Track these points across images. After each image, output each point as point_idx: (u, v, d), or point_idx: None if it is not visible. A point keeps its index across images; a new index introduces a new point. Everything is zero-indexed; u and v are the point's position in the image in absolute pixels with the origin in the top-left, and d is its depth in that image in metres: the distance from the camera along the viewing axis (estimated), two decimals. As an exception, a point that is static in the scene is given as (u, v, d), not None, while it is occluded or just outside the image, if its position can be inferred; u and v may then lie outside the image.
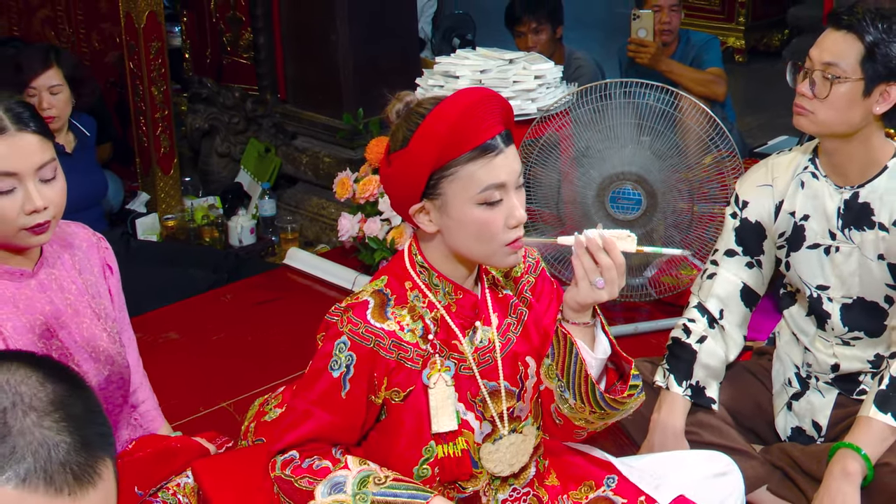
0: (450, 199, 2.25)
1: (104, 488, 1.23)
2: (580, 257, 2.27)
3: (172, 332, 4.15)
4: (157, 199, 5.60)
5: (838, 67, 2.76)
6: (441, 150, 2.21)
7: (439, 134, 2.20)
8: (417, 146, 2.23)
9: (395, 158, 2.28)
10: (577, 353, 2.30)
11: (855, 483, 2.74)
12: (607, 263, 2.24)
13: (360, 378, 2.30)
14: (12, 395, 1.21)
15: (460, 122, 2.19)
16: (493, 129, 2.23)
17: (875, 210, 2.90)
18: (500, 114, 2.25)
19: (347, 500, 2.27)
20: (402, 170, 2.28)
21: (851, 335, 3.01)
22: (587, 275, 2.25)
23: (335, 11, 5.31)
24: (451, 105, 2.21)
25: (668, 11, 5.22)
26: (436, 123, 2.20)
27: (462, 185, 2.22)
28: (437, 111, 2.21)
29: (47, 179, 2.46)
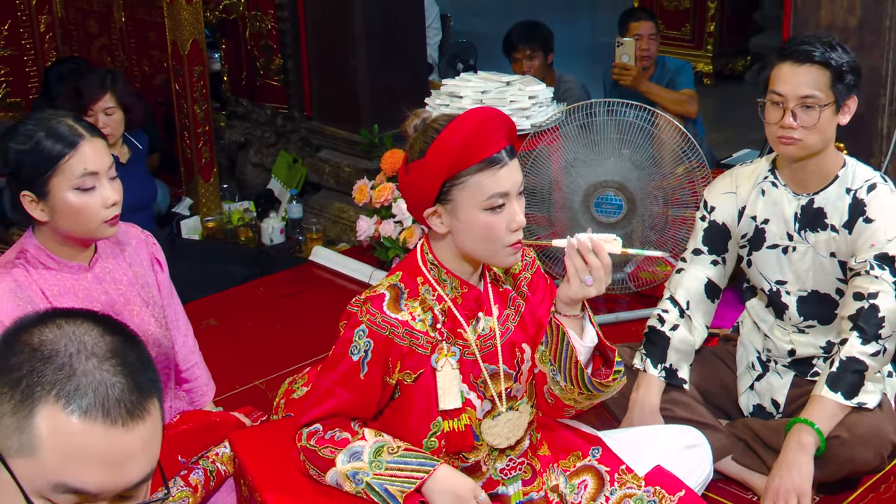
0: (459, 204, 2.26)
1: (152, 423, 1.29)
2: (572, 258, 2.28)
3: (212, 318, 4.16)
4: (199, 204, 5.60)
5: (816, 97, 2.77)
6: (453, 162, 2.22)
7: (452, 147, 2.21)
8: (433, 157, 2.24)
9: (413, 168, 2.29)
10: (568, 341, 2.33)
11: (809, 454, 2.74)
12: (596, 264, 2.26)
13: (376, 362, 2.31)
14: (77, 344, 1.26)
15: (471, 137, 2.21)
16: (498, 144, 2.24)
17: (828, 214, 2.90)
18: (505, 131, 2.27)
19: (364, 466, 2.28)
20: (418, 177, 2.29)
21: (806, 324, 3.01)
22: (578, 273, 2.28)
23: (354, 40, 5.31)
24: (463, 122, 2.23)
25: (647, 40, 5.23)
26: (450, 138, 2.22)
27: (470, 193, 2.24)
28: (450, 127, 2.23)
29: (112, 178, 2.51)
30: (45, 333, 1.29)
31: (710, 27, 8.27)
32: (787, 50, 2.84)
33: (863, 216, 2.86)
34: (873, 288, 2.81)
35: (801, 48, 2.80)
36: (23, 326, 1.32)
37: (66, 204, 2.44)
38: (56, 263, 2.53)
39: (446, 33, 7.73)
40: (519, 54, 5.34)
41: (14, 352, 1.28)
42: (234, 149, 5.96)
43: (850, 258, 2.88)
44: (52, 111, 2.56)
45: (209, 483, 2.66)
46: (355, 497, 2.29)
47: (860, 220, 2.86)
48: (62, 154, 2.43)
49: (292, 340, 3.93)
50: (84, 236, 2.52)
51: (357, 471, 2.27)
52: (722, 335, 3.38)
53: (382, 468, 2.27)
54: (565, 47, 5.58)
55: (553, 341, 2.37)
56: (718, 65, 8.32)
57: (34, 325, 1.31)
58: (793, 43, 2.85)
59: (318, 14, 5.52)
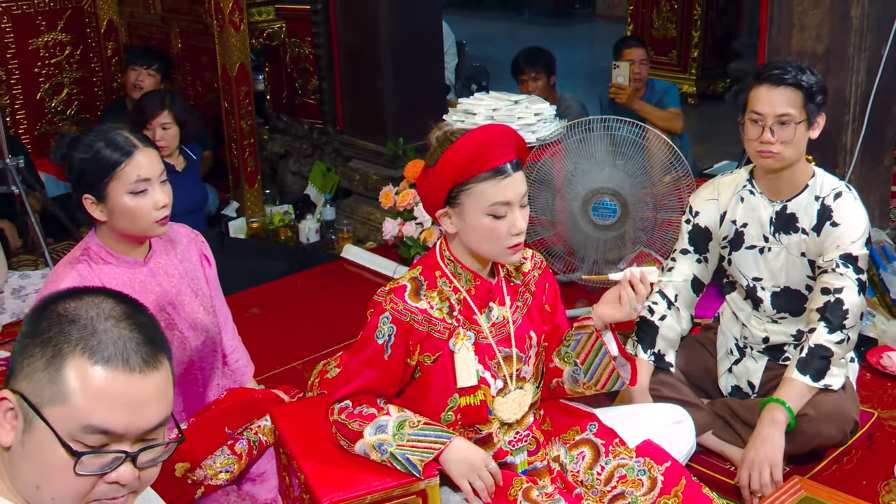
0: (466, 208, 2.28)
1: (165, 374, 1.38)
2: (626, 289, 2.37)
3: (255, 308, 4.16)
4: (244, 206, 5.61)
5: (791, 116, 2.76)
6: (461, 170, 2.24)
7: (461, 157, 2.23)
8: (444, 165, 2.27)
9: (429, 173, 2.32)
10: (605, 351, 2.44)
11: (781, 429, 2.73)
12: (643, 293, 2.37)
13: (399, 345, 2.32)
14: (97, 309, 1.36)
15: (478, 149, 2.23)
16: (505, 157, 2.26)
17: (799, 219, 2.89)
18: (513, 146, 2.29)
19: (389, 438, 2.28)
20: (432, 182, 2.31)
21: (779, 315, 3.00)
22: (630, 301, 2.37)
23: (381, 65, 5.32)
24: (474, 136, 2.26)
25: (638, 64, 5.22)
26: (460, 148, 2.24)
27: (475, 198, 2.26)
28: (462, 139, 2.26)
29: (162, 182, 2.52)
30: (69, 303, 1.38)
31: (694, 53, 8.25)
32: (763, 74, 2.83)
33: (830, 220, 2.84)
34: (839, 284, 2.80)
35: (775, 72, 2.79)
36: (49, 300, 1.40)
37: (121, 206, 2.46)
38: (115, 259, 2.54)
39: (462, 58, 7.74)
40: (525, 76, 5.34)
41: (43, 319, 1.36)
42: (276, 159, 5.97)
43: (818, 258, 2.87)
44: (111, 125, 2.58)
45: (252, 451, 2.67)
46: (381, 465, 2.29)
47: (827, 224, 2.85)
48: (119, 162, 2.44)
49: (325, 327, 3.92)
50: (138, 234, 2.53)
51: (382, 442, 2.28)
52: (704, 324, 3.36)
53: (405, 440, 2.28)
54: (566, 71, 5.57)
55: (586, 349, 2.46)
56: (701, 86, 8.30)
57: (59, 298, 1.39)
58: (768, 68, 2.84)
59: (350, 42, 5.53)
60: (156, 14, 6.04)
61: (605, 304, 2.43)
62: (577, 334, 2.49)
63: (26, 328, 1.37)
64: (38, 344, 1.35)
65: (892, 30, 3.64)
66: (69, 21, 6.02)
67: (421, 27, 5.41)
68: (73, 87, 6.09)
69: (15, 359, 1.37)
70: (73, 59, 6.07)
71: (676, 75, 8.10)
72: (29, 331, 1.37)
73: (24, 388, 1.34)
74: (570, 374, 2.51)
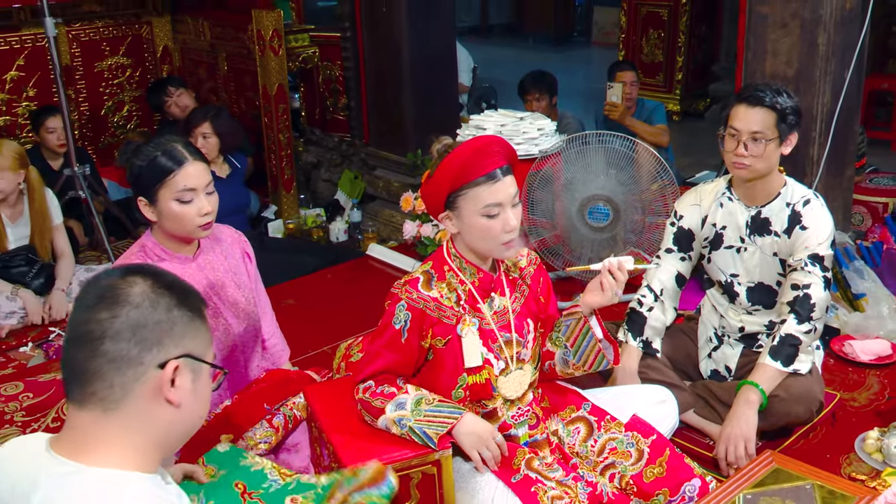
0: (463, 210, 2.29)
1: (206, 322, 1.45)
2: (607, 277, 2.36)
3: (290, 299, 4.16)
4: (282, 209, 5.63)
5: (764, 133, 2.74)
6: (456, 178, 2.25)
7: (454, 166, 2.25)
8: (440, 174, 2.28)
9: (430, 182, 2.33)
10: (591, 335, 2.43)
11: (754, 408, 2.73)
12: (622, 280, 2.36)
13: (413, 330, 2.34)
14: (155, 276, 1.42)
15: (470, 158, 2.24)
16: (495, 164, 2.26)
17: (772, 223, 2.87)
18: (501, 154, 2.29)
19: (407, 414, 2.28)
20: (432, 189, 2.32)
21: (753, 308, 2.98)
22: (611, 288, 2.36)
23: (402, 85, 5.33)
24: (465, 147, 2.26)
25: (629, 86, 5.20)
26: (453, 159, 2.25)
27: (471, 201, 2.27)
28: (455, 151, 2.27)
29: (209, 193, 2.50)
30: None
31: (679, 76, 8.22)
32: (743, 94, 2.82)
33: (799, 224, 2.83)
34: (806, 280, 2.79)
35: (754, 94, 2.77)
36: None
37: (169, 210, 2.46)
38: (167, 255, 2.54)
39: (474, 80, 7.76)
40: (530, 96, 5.33)
41: (162, 298, 1.39)
42: (310, 168, 5.98)
43: (788, 257, 2.86)
44: (168, 137, 2.58)
45: (287, 425, 2.67)
46: (400, 438, 2.29)
47: (797, 227, 2.83)
48: (170, 171, 2.45)
49: (352, 316, 3.92)
50: (183, 235, 2.54)
51: (402, 417, 2.28)
52: (687, 315, 3.35)
53: (422, 415, 2.28)
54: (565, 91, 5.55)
55: (574, 333, 2.46)
56: (685, 105, 8.27)
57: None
58: (748, 89, 2.83)
59: (375, 65, 5.52)
60: (205, 41, 6.05)
61: (589, 292, 2.42)
62: (566, 320, 2.49)
63: (148, 312, 1.35)
64: (177, 315, 1.37)
65: (853, 56, 3.62)
66: (129, 47, 6.04)
67: (437, 53, 5.42)
68: (133, 104, 6.11)
69: (151, 334, 1.35)
70: (132, 80, 6.10)
71: (663, 95, 8.08)
72: (161, 308, 1.37)
73: (187, 348, 1.38)
74: (561, 356, 2.51)
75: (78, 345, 1.34)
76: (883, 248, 3.69)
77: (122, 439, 1.35)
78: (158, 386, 1.36)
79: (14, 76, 5.52)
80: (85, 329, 1.34)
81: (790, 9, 3.58)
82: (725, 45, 7.92)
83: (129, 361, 1.33)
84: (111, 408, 1.34)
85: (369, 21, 5.45)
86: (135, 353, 1.33)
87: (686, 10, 8.05)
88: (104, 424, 1.34)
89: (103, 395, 1.33)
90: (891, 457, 2.69)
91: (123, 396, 1.34)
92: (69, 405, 1.37)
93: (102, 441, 1.35)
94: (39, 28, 4.96)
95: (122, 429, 1.35)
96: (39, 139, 4.96)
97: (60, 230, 4.29)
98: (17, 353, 3.81)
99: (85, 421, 1.35)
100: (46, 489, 1.32)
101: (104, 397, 1.34)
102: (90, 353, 1.33)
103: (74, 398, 1.35)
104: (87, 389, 1.34)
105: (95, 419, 1.34)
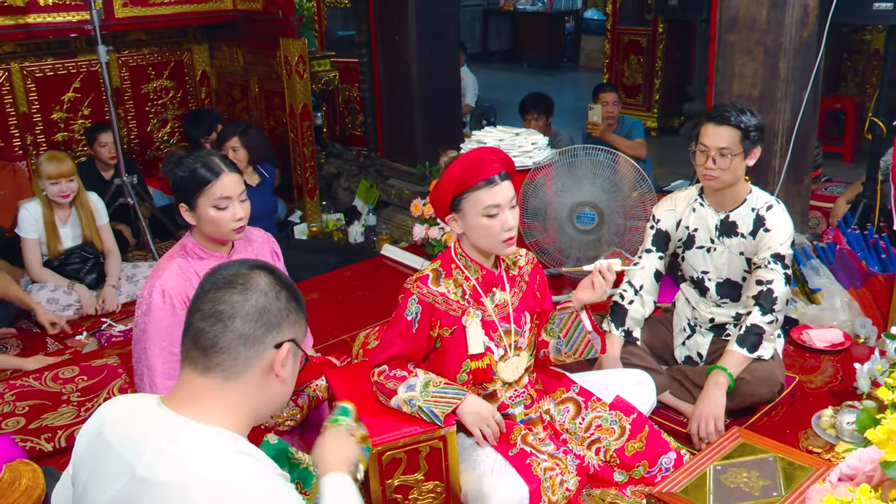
0: (466, 212, 2.28)
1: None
2: (597, 278, 2.37)
3: (314, 293, 4.15)
4: (306, 214, 5.63)
5: (730, 149, 2.73)
6: (458, 184, 2.26)
7: (456, 174, 2.25)
8: (444, 181, 2.28)
9: (437, 189, 2.33)
10: (582, 327, 2.43)
11: (723, 389, 2.72)
12: (611, 280, 2.37)
13: (423, 321, 2.33)
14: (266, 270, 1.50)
15: (469, 167, 2.25)
16: (493, 170, 2.26)
17: (739, 226, 2.86)
18: (498, 161, 2.29)
19: (417, 395, 2.28)
20: (439, 195, 2.32)
21: (722, 301, 2.97)
22: (601, 287, 2.36)
23: (413, 105, 5.33)
24: (465, 157, 2.28)
25: (612, 105, 5.18)
26: (455, 168, 2.26)
27: (473, 204, 2.26)
28: (457, 160, 2.28)
29: (242, 201, 2.50)
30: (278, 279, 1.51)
31: (656, 96, 8.20)
32: (711, 114, 2.80)
33: (763, 227, 2.82)
34: (769, 277, 2.78)
35: (721, 114, 2.76)
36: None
37: (207, 215, 2.46)
38: (205, 254, 2.54)
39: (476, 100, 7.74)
40: (529, 116, 5.30)
41: (279, 298, 1.48)
42: (331, 177, 5.98)
43: (753, 256, 2.85)
44: (207, 151, 2.58)
45: (311, 404, 2.67)
46: (411, 416, 2.28)
47: (761, 230, 2.82)
48: (209, 181, 2.44)
49: (368, 308, 3.92)
50: (219, 237, 2.53)
51: (412, 398, 2.27)
52: (663, 308, 3.34)
53: (429, 396, 2.27)
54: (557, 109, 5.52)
55: (567, 325, 2.45)
56: (661, 122, 8.25)
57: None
58: (715, 109, 2.81)
59: (388, 87, 5.52)
60: (239, 66, 6.05)
61: (581, 289, 2.41)
62: (559, 314, 2.48)
63: (273, 300, 1.44)
64: (292, 306, 1.47)
65: (810, 79, 3.61)
66: (172, 71, 6.04)
67: (443, 76, 5.41)
68: (175, 122, 6.11)
69: (273, 319, 1.43)
70: (175, 100, 6.10)
71: (642, 113, 8.06)
72: (272, 307, 1.44)
73: (295, 334, 1.47)
74: (555, 345, 2.50)
75: (210, 321, 1.39)
76: (836, 248, 3.68)
77: (235, 405, 1.41)
78: (272, 363, 1.43)
79: (71, 97, 5.52)
80: (218, 308, 1.40)
81: (755, 37, 3.57)
82: (697, 69, 7.88)
83: (254, 339, 1.40)
84: (232, 377, 1.40)
85: (383, 48, 5.45)
86: (259, 333, 1.41)
87: (663, 38, 8.05)
88: (221, 391, 1.41)
89: (228, 366, 1.40)
90: (843, 432, 2.68)
91: (245, 369, 1.41)
92: (189, 372, 1.42)
93: (218, 404, 1.40)
94: (93, 55, 4.98)
95: (237, 395, 1.41)
96: (93, 152, 4.97)
97: (107, 229, 4.29)
98: (73, 341, 3.81)
99: (205, 386, 1.40)
100: (162, 437, 1.36)
101: (228, 368, 1.40)
102: (222, 329, 1.39)
103: (197, 367, 1.41)
104: (213, 360, 1.40)
105: (215, 385, 1.40)
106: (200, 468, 1.32)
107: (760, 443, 2.21)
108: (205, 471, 1.32)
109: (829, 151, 6.55)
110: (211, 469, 1.32)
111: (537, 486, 2.23)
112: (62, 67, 5.46)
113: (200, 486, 1.31)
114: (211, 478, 1.31)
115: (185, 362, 1.43)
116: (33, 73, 5.34)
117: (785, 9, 3.47)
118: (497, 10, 13.47)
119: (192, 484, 1.31)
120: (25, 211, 4.07)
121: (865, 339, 3.41)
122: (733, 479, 1.99)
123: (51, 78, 5.41)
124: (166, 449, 1.34)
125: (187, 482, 1.31)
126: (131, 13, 5.45)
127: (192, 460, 1.33)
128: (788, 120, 3.63)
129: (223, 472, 1.32)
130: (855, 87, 7.10)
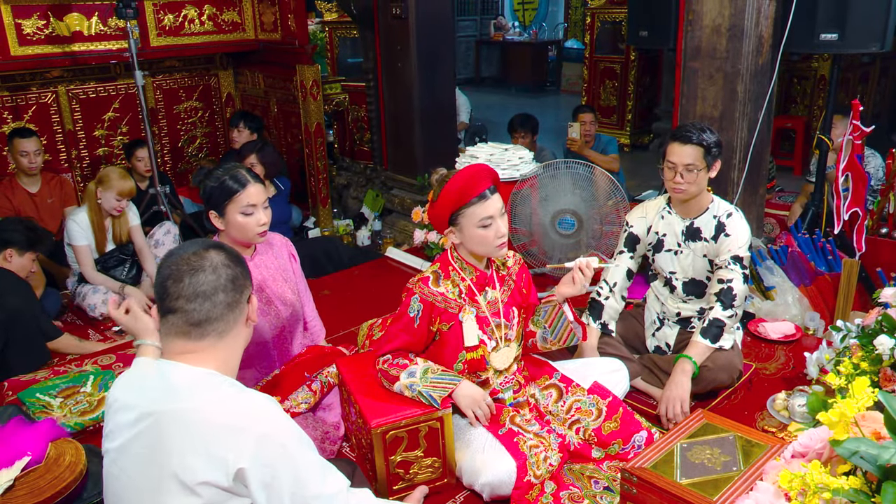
0: (463, 225, 2.27)
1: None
2: (577, 273, 2.37)
3: (327, 290, 4.14)
4: (319, 220, 5.61)
5: (695, 164, 2.72)
6: (454, 203, 2.24)
7: (451, 194, 2.24)
8: (442, 200, 2.26)
9: (434, 206, 2.31)
10: (565, 318, 2.43)
11: (688, 376, 2.71)
12: (590, 276, 2.37)
13: (424, 317, 2.31)
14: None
15: (463, 185, 2.23)
16: (483, 186, 2.25)
17: (703, 231, 2.86)
18: (487, 177, 2.27)
19: (417, 381, 2.27)
20: (437, 212, 2.30)
21: (688, 297, 2.97)
22: (580, 282, 2.37)
23: (414, 123, 5.33)
24: (459, 176, 2.25)
25: (589, 124, 5.17)
26: (451, 187, 2.24)
27: (469, 219, 2.25)
28: (451, 180, 2.25)
29: (265, 208, 2.49)
30: None
31: (629, 116, 8.20)
32: (675, 134, 2.79)
33: (724, 232, 2.81)
34: (729, 276, 2.77)
35: (684, 133, 2.75)
36: None
37: (234, 221, 2.44)
38: (232, 256, 2.52)
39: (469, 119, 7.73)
40: (517, 134, 5.28)
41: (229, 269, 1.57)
42: (341, 188, 5.97)
43: (715, 258, 2.84)
44: (234, 164, 2.57)
45: (323, 389, 2.66)
46: (412, 399, 2.28)
47: (722, 234, 2.81)
48: (236, 190, 2.43)
49: (374, 303, 3.91)
50: (244, 241, 2.51)
51: (413, 383, 2.26)
52: (635, 303, 3.33)
53: (428, 381, 2.26)
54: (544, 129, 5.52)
55: (551, 316, 2.45)
56: (633, 139, 8.25)
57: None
58: (680, 129, 2.80)
59: (392, 108, 5.52)
60: (260, 89, 6.04)
61: (563, 284, 2.41)
62: (544, 306, 2.48)
63: (234, 269, 1.55)
64: (244, 267, 1.58)
65: (765, 101, 3.60)
66: (201, 93, 6.03)
67: (441, 98, 5.41)
68: (203, 138, 6.09)
69: (241, 282, 1.55)
70: (203, 119, 6.08)
71: (616, 131, 8.07)
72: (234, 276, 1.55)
73: (250, 287, 1.60)
74: (541, 335, 2.49)
75: (197, 301, 1.49)
76: (788, 250, 3.67)
77: (228, 355, 1.54)
78: (246, 314, 1.57)
79: (111, 116, 5.51)
80: (200, 290, 1.49)
81: (715, 64, 3.56)
82: (665, 92, 7.88)
83: (236, 303, 1.53)
84: (224, 335, 1.52)
85: (388, 74, 5.45)
86: (237, 297, 1.54)
87: (634, 65, 8.05)
88: (216, 346, 1.51)
89: (221, 328, 1.51)
90: (795, 413, 2.68)
91: (233, 326, 1.53)
92: (182, 343, 1.50)
93: (214, 357, 1.51)
94: (131, 79, 4.97)
95: (228, 348, 1.53)
96: (130, 165, 4.95)
97: (138, 230, 4.26)
98: (111, 332, 3.82)
99: (202, 346, 1.50)
100: (170, 374, 1.46)
101: (221, 330, 1.51)
102: (211, 305, 1.49)
103: (193, 336, 1.49)
104: (208, 329, 1.50)
105: (211, 344, 1.51)
106: (207, 391, 1.43)
107: (721, 423, 2.19)
108: (210, 393, 1.43)
109: (781, 165, 6.57)
110: (215, 391, 1.44)
111: (524, 462, 2.22)
112: (103, 90, 5.45)
113: (208, 405, 1.41)
114: (217, 397, 1.43)
115: (174, 336, 1.50)
116: (78, 95, 5.33)
117: (742, 39, 3.47)
118: (488, 40, 13.50)
119: (200, 407, 1.40)
120: (73, 223, 4.01)
121: (814, 330, 3.41)
122: (698, 455, 1.98)
123: (93, 99, 5.40)
124: (176, 383, 1.44)
125: (197, 405, 1.41)
126: (165, 42, 5.44)
127: (199, 387, 1.44)
128: (745, 137, 3.63)
129: (228, 393, 1.44)
130: (804, 108, 7.11)
